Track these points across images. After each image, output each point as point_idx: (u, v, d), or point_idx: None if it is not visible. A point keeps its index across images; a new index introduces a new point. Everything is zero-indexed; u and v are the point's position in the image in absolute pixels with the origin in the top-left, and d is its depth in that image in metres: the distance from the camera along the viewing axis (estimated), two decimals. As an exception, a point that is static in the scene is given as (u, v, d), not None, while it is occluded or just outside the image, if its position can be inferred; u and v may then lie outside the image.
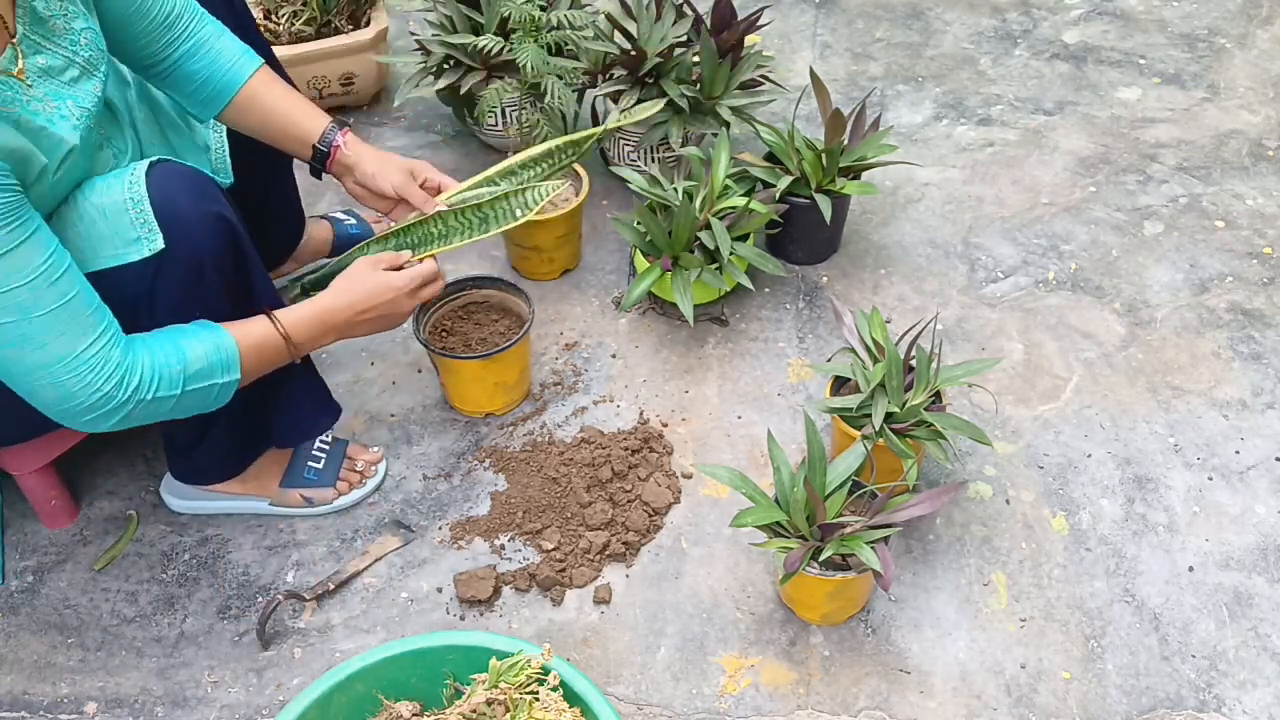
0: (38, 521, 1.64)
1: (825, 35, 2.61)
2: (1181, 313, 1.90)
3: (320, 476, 1.62)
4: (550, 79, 1.77)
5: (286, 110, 1.50)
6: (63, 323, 1.15)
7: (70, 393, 1.18)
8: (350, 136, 1.53)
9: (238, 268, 1.34)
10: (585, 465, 1.65)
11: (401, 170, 1.54)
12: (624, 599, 1.52)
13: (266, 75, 1.50)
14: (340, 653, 1.47)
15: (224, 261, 1.31)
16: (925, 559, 1.55)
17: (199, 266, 1.28)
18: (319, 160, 1.53)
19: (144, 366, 1.22)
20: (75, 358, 1.17)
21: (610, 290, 1.97)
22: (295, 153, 1.54)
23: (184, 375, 1.25)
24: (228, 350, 1.29)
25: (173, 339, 1.26)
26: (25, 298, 1.13)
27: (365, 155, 1.53)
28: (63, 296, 1.16)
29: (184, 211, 1.26)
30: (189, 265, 1.27)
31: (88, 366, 1.17)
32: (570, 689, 1.16)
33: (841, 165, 1.89)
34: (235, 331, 1.31)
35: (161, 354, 1.24)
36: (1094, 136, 2.29)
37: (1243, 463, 1.67)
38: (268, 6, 2.26)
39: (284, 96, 1.51)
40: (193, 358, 1.26)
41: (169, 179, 1.27)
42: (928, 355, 1.53)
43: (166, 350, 1.24)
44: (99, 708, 1.43)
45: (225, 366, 1.29)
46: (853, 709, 1.40)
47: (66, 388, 1.17)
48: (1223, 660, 1.44)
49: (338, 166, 1.54)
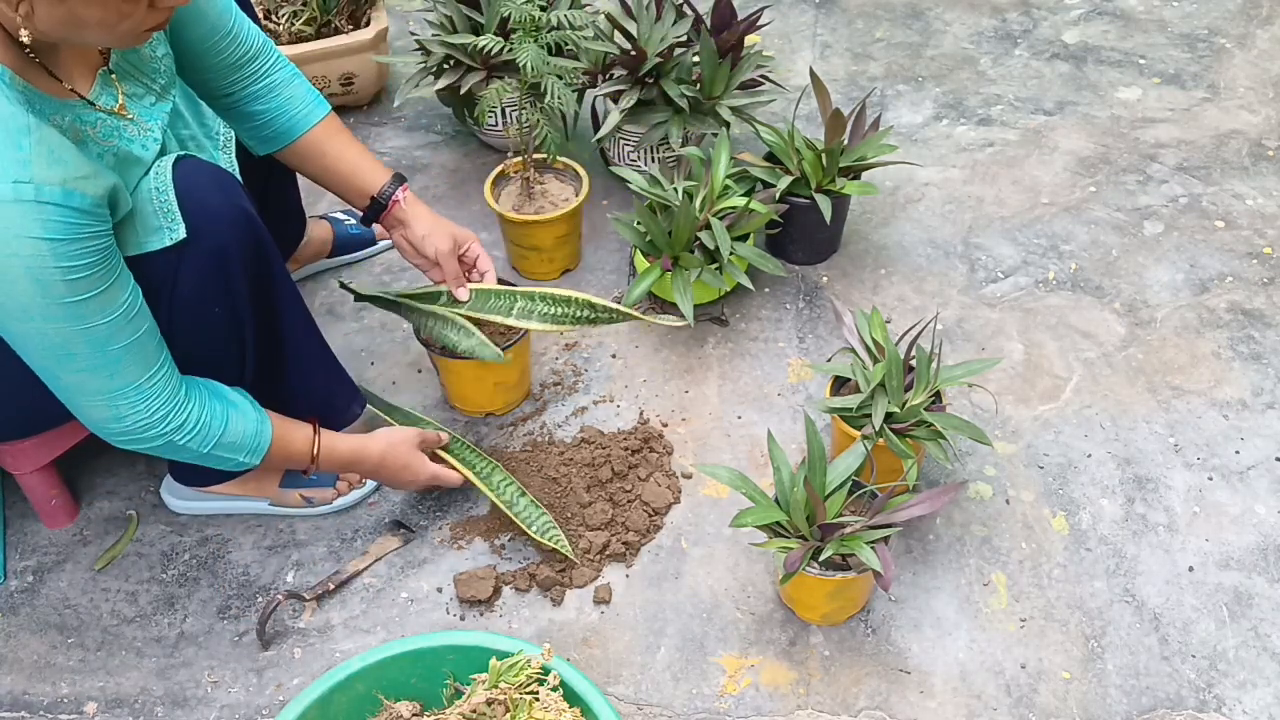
0: (38, 521, 1.64)
1: (825, 35, 2.61)
2: (1181, 313, 1.90)
3: (320, 476, 1.62)
4: (550, 79, 1.77)
5: (350, 160, 1.54)
6: (133, 355, 1.21)
7: (120, 415, 1.23)
8: (409, 194, 1.57)
9: (259, 262, 1.35)
10: (585, 465, 1.65)
11: (448, 239, 1.58)
12: (624, 599, 1.52)
13: (331, 125, 1.53)
14: (340, 653, 1.47)
15: (246, 255, 1.33)
16: (925, 559, 1.55)
17: (222, 258, 1.30)
18: (374, 211, 1.56)
19: (193, 413, 1.28)
20: (136, 387, 1.22)
21: (610, 290, 1.97)
22: (348, 200, 1.58)
23: (219, 439, 1.32)
24: (263, 440, 1.37)
25: (224, 401, 1.33)
26: (105, 333, 1.17)
27: (420, 216, 1.57)
28: (136, 331, 1.20)
29: (209, 204, 1.28)
30: (212, 256, 1.29)
31: (145, 396, 1.23)
32: (570, 689, 1.16)
33: (841, 165, 1.89)
34: (278, 427, 1.39)
35: (210, 411, 1.30)
36: (1094, 136, 2.29)
37: (1243, 463, 1.67)
38: (268, 6, 2.26)
39: (347, 147, 1.54)
40: (233, 429, 1.33)
41: (194, 172, 1.29)
42: (928, 355, 1.53)
43: (216, 410, 1.31)
44: (99, 708, 1.43)
45: (253, 451, 1.36)
46: (853, 709, 1.40)
47: (119, 410, 1.22)
48: (1223, 660, 1.44)
49: (391, 219, 1.57)
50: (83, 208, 1.11)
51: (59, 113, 1.16)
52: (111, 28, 1.10)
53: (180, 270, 1.27)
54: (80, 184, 1.10)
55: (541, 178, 1.96)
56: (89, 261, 1.12)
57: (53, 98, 1.16)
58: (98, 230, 1.13)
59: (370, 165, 1.55)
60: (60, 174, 1.09)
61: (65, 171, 1.09)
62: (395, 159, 2.27)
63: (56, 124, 1.15)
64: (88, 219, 1.12)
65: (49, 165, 1.08)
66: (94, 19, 1.08)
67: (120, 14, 1.09)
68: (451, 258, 1.58)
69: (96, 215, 1.13)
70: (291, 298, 1.45)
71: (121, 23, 1.10)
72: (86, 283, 1.12)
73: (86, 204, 1.11)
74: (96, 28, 1.09)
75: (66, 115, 1.17)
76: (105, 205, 1.15)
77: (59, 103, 1.17)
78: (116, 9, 1.08)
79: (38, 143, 1.08)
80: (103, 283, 1.14)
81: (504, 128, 2.15)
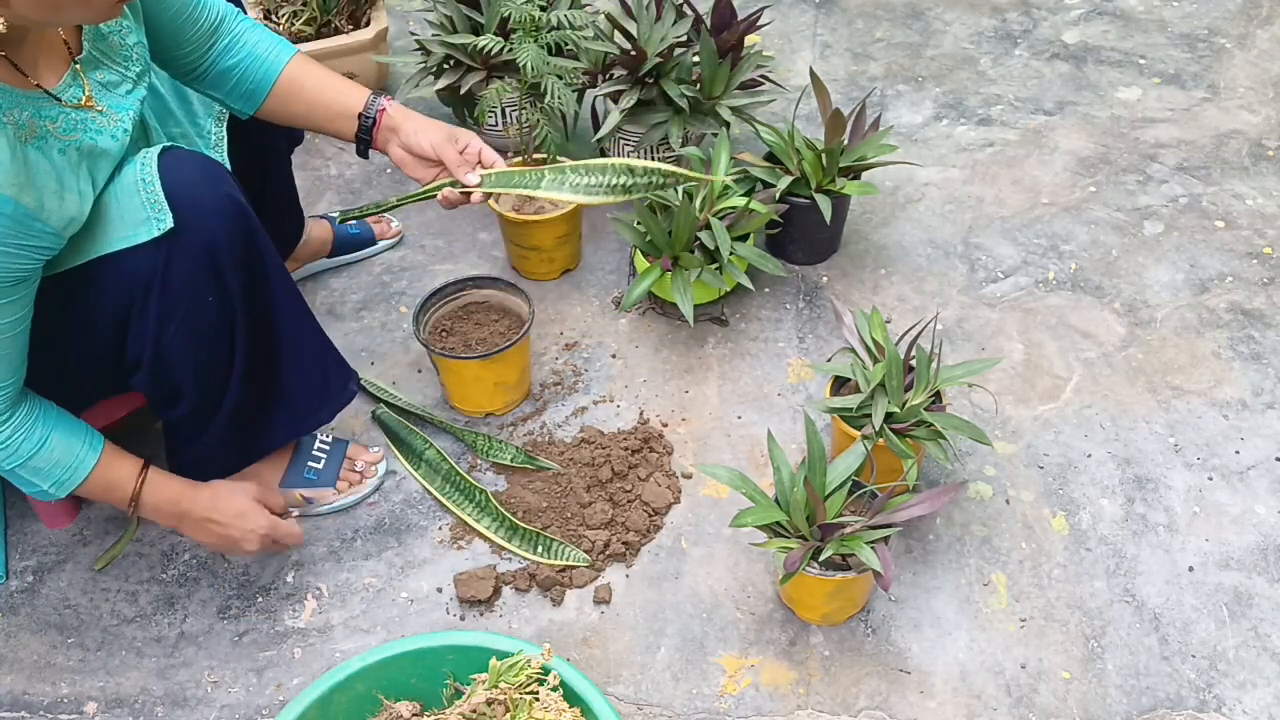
0: (38, 521, 1.64)
1: (825, 35, 2.61)
2: (1181, 313, 1.91)
3: (320, 476, 1.62)
4: (550, 79, 1.77)
5: (330, 88, 1.49)
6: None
7: None
8: (394, 102, 1.51)
9: (251, 251, 1.33)
10: (585, 465, 1.65)
11: (442, 131, 1.51)
12: (624, 599, 1.52)
13: (303, 60, 1.49)
14: (340, 653, 1.47)
15: (237, 245, 1.31)
16: (925, 559, 1.55)
17: (212, 248, 1.28)
18: (365, 131, 1.50)
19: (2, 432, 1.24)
20: None
21: (610, 290, 1.97)
22: (340, 131, 1.52)
23: (23, 462, 1.26)
24: (76, 473, 1.30)
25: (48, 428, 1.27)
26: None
27: (410, 116, 1.51)
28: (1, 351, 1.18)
29: (195, 193, 1.26)
30: (202, 247, 1.27)
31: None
32: (570, 689, 1.16)
33: (841, 165, 1.89)
34: (100, 464, 1.32)
35: (24, 433, 1.25)
36: (1094, 136, 2.29)
37: (1243, 463, 1.67)
38: (268, 6, 2.26)
39: (324, 77, 1.50)
40: (43, 455, 1.27)
41: (180, 162, 1.27)
42: (928, 355, 1.53)
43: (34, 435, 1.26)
44: (99, 708, 1.43)
45: (59, 484, 1.30)
46: (853, 709, 1.40)
47: None
48: (1223, 660, 1.44)
49: (384, 132, 1.51)
50: (14, 216, 1.09)
51: (17, 106, 1.14)
52: (87, 3, 1.08)
53: (170, 262, 1.25)
54: (13, 190, 1.09)
55: (541, 178, 1.96)
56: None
57: (13, 89, 1.14)
58: (20, 243, 1.12)
59: (350, 88, 1.51)
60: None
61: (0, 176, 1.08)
62: (395, 159, 2.26)
63: (13, 119, 1.13)
64: (13, 227, 1.10)
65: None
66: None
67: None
68: (449, 146, 1.49)
69: (25, 226, 1.12)
70: (285, 287, 1.42)
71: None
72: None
73: (19, 213, 1.10)
74: (72, 5, 1.07)
75: (25, 110, 1.15)
76: (38, 219, 1.13)
77: (19, 94, 1.15)
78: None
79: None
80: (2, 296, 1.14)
81: (504, 128, 2.15)
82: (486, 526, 1.58)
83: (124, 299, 1.27)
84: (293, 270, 1.95)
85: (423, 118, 1.52)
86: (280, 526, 1.46)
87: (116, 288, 1.26)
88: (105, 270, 1.24)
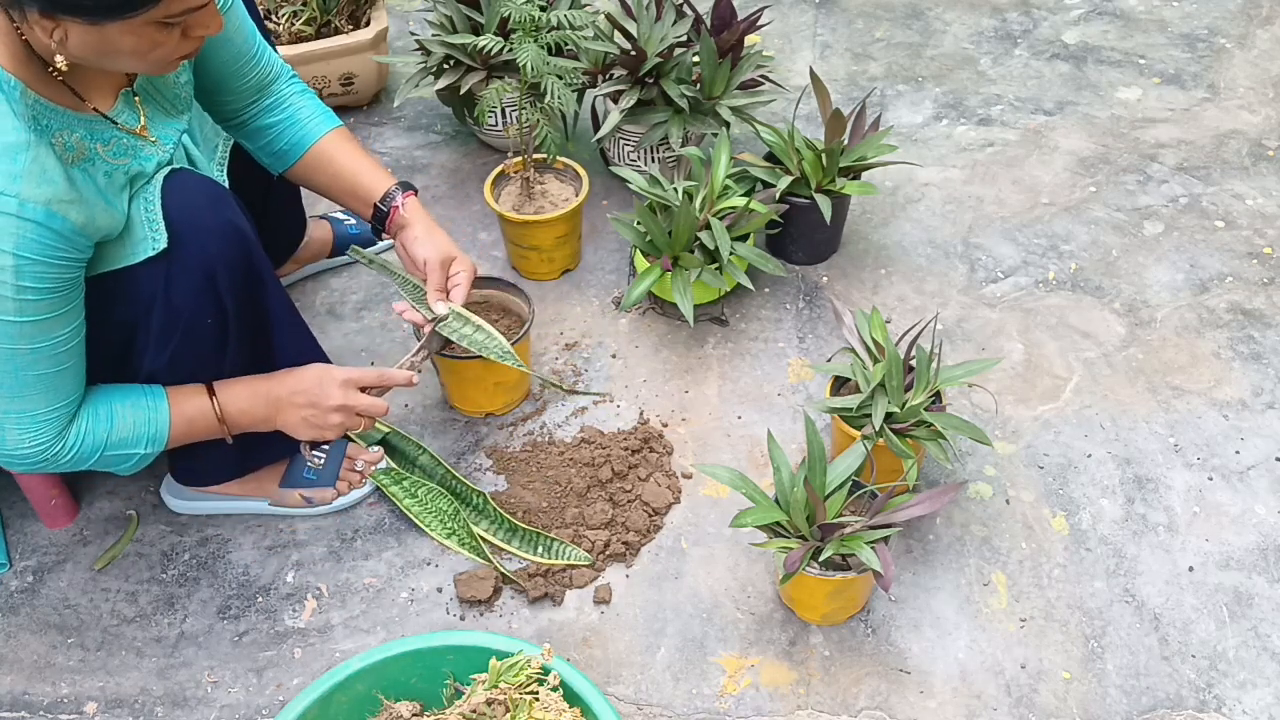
0: (38, 521, 1.64)
1: (825, 35, 2.61)
2: (1181, 313, 1.90)
3: (320, 476, 1.62)
4: (550, 79, 1.77)
5: (355, 169, 1.52)
6: (45, 386, 1.20)
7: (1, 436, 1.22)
8: (413, 200, 1.53)
9: (249, 275, 1.35)
10: (585, 465, 1.65)
11: (440, 250, 1.51)
12: (624, 599, 1.52)
13: (340, 136, 1.53)
14: (340, 653, 1.47)
15: (235, 269, 1.32)
16: (925, 559, 1.55)
17: (210, 272, 1.29)
18: (379, 219, 1.54)
19: (69, 439, 1.26)
20: (32, 415, 1.22)
21: (610, 290, 1.97)
22: (358, 211, 1.56)
23: (106, 441, 1.29)
24: (159, 425, 1.32)
25: (109, 402, 1.29)
26: (28, 359, 1.17)
27: (420, 220, 1.53)
28: (59, 366, 1.20)
29: (196, 217, 1.28)
30: (200, 270, 1.28)
31: (35, 424, 1.23)
32: (570, 689, 1.16)
33: (841, 165, 1.89)
34: (174, 406, 1.34)
35: (91, 419, 1.27)
36: (1094, 136, 2.29)
37: (1243, 463, 1.67)
38: (268, 6, 2.26)
39: (354, 157, 1.53)
40: (120, 425, 1.29)
41: (184, 185, 1.29)
42: (928, 355, 1.53)
43: (100, 414, 1.28)
44: (99, 708, 1.43)
45: (152, 440, 1.33)
46: (853, 709, 1.40)
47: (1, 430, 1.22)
48: (1223, 660, 1.44)
49: (394, 226, 1.54)
50: (62, 231, 1.11)
51: (69, 128, 1.16)
52: (144, 55, 1.11)
53: (171, 282, 1.27)
54: (64, 208, 1.11)
55: (541, 178, 1.96)
56: (49, 287, 1.13)
57: (67, 111, 1.16)
58: (69, 258, 1.14)
59: (376, 173, 1.53)
60: (47, 194, 1.09)
61: (52, 192, 1.09)
62: (395, 159, 2.27)
63: (61, 140, 1.15)
64: (63, 244, 1.12)
65: (38, 184, 1.08)
66: (127, 47, 1.08)
67: (153, 42, 1.09)
68: (439, 270, 1.51)
69: (72, 242, 1.13)
70: (281, 302, 1.44)
71: (153, 50, 1.11)
72: (36, 306, 1.13)
73: (67, 229, 1.11)
74: (129, 55, 1.10)
75: (77, 130, 1.17)
76: (84, 234, 1.15)
77: (73, 116, 1.17)
78: (150, 38, 1.09)
79: (32, 160, 1.08)
80: (51, 310, 1.15)
81: (504, 128, 2.15)
82: (485, 529, 1.57)
83: (130, 314, 1.29)
84: (294, 270, 1.96)
85: (430, 225, 1.53)
86: (364, 401, 1.43)
87: (123, 303, 1.28)
88: (115, 285, 1.26)
